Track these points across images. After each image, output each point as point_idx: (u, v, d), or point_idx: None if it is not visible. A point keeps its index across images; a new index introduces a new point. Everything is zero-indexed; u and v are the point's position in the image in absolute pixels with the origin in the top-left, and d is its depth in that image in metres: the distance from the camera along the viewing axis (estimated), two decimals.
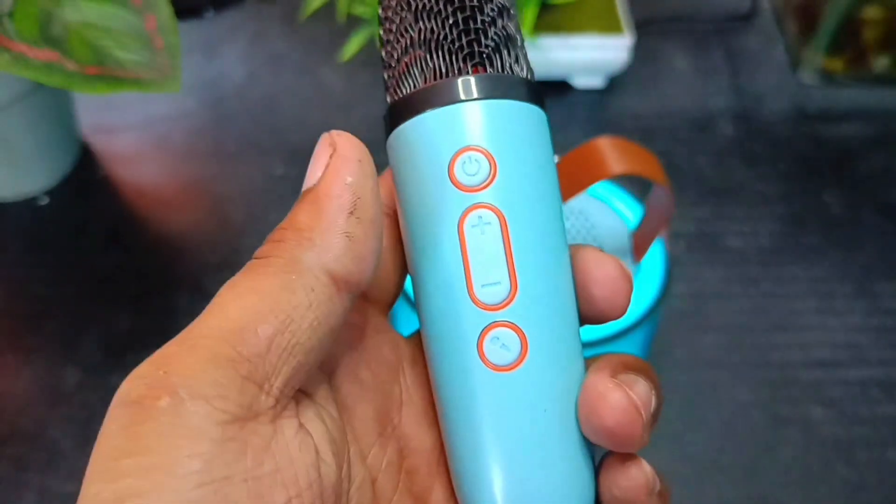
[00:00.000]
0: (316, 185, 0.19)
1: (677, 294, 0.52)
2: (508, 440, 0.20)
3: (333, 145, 0.19)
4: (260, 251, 0.19)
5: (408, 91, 0.21)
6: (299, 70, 0.66)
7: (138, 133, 0.62)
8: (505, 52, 0.21)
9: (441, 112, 0.20)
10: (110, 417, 0.17)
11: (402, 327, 0.42)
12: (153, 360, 0.17)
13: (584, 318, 0.22)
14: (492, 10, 0.21)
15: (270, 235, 0.19)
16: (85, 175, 0.59)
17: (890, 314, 0.53)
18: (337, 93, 0.65)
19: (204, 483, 0.16)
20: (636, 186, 0.44)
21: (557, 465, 0.20)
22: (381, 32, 0.22)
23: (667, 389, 0.22)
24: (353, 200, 0.19)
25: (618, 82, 0.65)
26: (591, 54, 0.62)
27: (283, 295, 0.18)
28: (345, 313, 0.19)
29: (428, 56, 0.21)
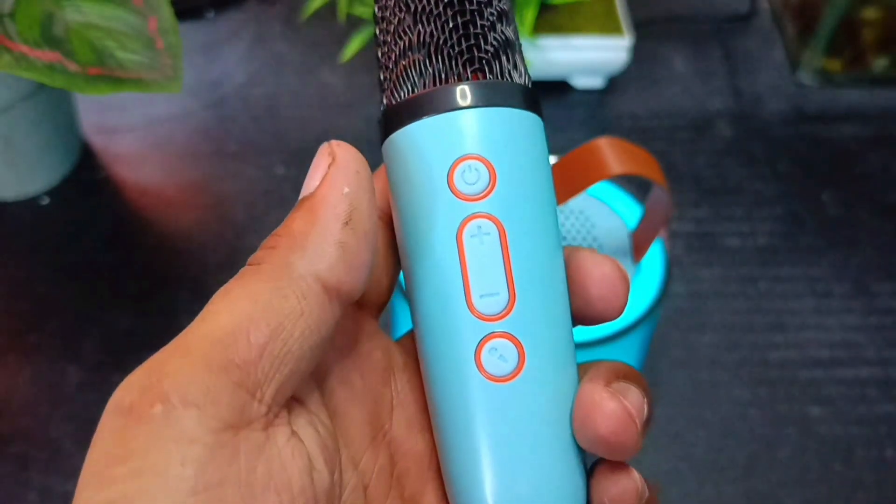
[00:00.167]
0: (312, 194, 0.19)
1: (676, 294, 0.53)
2: (503, 449, 0.20)
3: (332, 155, 0.19)
4: (254, 257, 0.19)
5: (406, 95, 0.21)
6: (300, 70, 0.67)
7: (139, 133, 0.62)
8: (504, 58, 0.21)
9: (442, 118, 0.20)
10: (103, 424, 0.17)
11: (397, 318, 0.43)
12: (146, 367, 0.17)
13: (582, 319, 0.22)
14: (491, 15, 0.21)
15: (265, 242, 0.19)
16: (86, 175, 0.59)
17: (887, 313, 0.53)
18: (337, 93, 0.65)
19: (196, 490, 0.16)
20: (635, 187, 0.45)
21: (551, 474, 0.20)
22: (378, 32, 0.22)
23: (666, 388, 0.22)
24: (349, 211, 0.19)
25: (617, 83, 0.65)
26: (591, 55, 0.62)
27: (276, 302, 0.18)
28: (336, 322, 0.19)
29: (427, 60, 0.20)
